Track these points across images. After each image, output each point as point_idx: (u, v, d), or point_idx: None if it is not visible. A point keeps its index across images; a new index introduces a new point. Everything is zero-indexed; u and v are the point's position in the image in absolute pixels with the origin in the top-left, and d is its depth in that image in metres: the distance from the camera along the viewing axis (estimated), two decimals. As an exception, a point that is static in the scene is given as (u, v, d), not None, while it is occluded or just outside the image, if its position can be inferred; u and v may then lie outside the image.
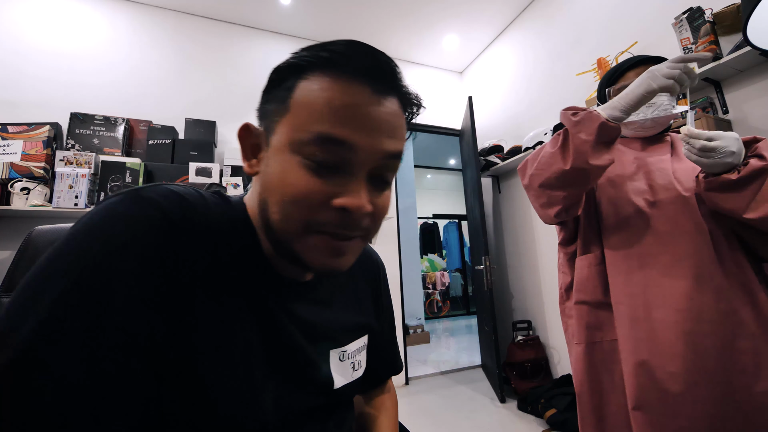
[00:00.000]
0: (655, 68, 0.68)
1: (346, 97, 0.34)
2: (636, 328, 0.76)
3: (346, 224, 0.35)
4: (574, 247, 0.91)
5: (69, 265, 0.29)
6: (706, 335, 0.71)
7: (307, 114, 0.34)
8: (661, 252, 0.77)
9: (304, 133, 0.34)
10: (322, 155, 0.34)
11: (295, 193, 0.34)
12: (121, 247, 0.30)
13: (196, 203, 0.36)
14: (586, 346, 0.83)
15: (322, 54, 0.35)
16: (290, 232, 0.35)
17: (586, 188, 0.81)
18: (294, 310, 0.42)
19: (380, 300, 0.58)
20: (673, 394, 0.70)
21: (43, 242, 0.62)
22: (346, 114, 0.33)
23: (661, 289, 0.75)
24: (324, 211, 0.34)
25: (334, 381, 0.45)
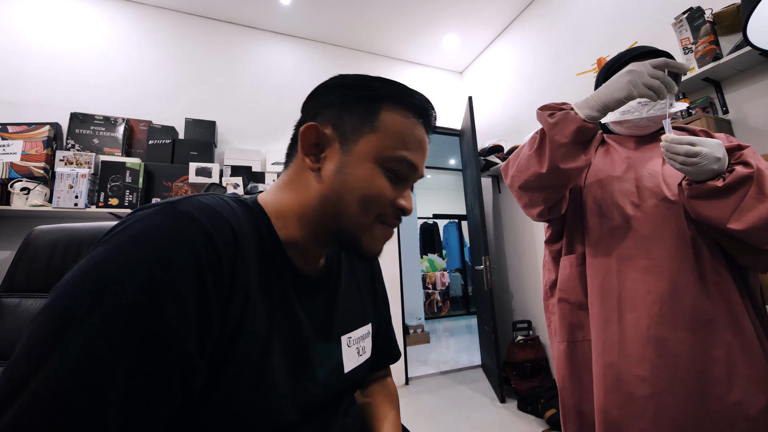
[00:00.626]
0: (637, 73, 0.66)
1: (416, 130, 0.47)
2: (607, 331, 0.76)
3: (399, 218, 0.48)
4: (560, 245, 0.90)
5: (115, 287, 0.29)
6: (679, 342, 0.70)
7: (394, 139, 0.45)
8: (639, 256, 0.76)
9: (393, 153, 0.45)
10: (399, 169, 0.46)
11: (378, 193, 0.44)
12: (168, 265, 0.31)
13: (227, 215, 0.38)
14: (568, 345, 0.83)
15: (401, 90, 0.47)
16: (365, 221, 0.45)
17: (566, 189, 0.80)
18: (310, 302, 0.47)
19: (377, 290, 0.64)
20: (638, 397, 0.70)
21: (43, 242, 0.62)
22: (417, 145, 0.47)
23: (635, 293, 0.74)
24: (390, 207, 0.46)
25: (345, 366, 0.50)
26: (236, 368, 0.36)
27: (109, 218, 2.04)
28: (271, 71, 2.81)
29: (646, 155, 0.84)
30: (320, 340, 0.47)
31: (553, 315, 0.90)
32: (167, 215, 0.33)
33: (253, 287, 0.39)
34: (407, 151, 0.45)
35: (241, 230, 0.39)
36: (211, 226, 0.35)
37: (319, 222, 0.45)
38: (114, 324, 0.28)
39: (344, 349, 0.50)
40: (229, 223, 0.37)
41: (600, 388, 0.74)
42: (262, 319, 0.39)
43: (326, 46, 3.07)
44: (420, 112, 0.47)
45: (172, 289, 0.30)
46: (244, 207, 0.43)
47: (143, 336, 0.29)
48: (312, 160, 0.45)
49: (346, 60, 3.11)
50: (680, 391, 0.68)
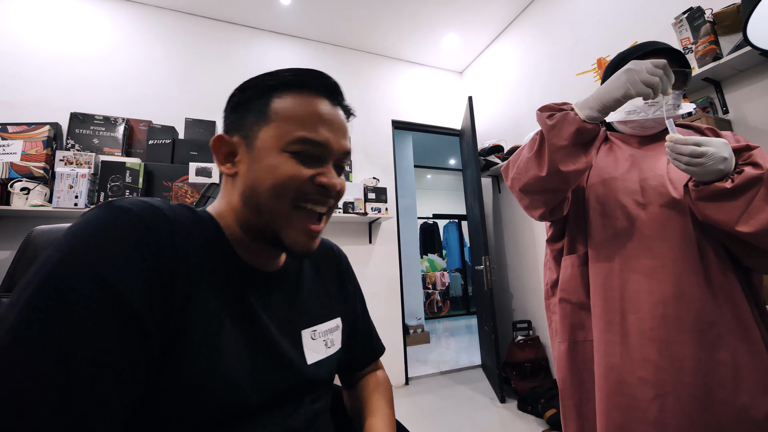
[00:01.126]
0: (635, 71, 0.65)
1: (314, 107, 0.46)
2: (610, 332, 0.74)
3: (324, 197, 0.47)
4: (561, 244, 0.89)
5: (47, 271, 0.32)
6: (684, 344, 0.68)
7: (288, 122, 0.45)
8: (643, 256, 0.74)
9: (290, 136, 0.44)
10: (304, 148, 0.45)
11: (287, 176, 0.44)
12: (107, 243, 0.35)
13: (162, 207, 0.41)
14: (569, 345, 0.82)
15: (287, 75, 0.47)
16: (280, 209, 0.45)
17: (567, 191, 0.79)
18: (265, 296, 0.49)
19: (346, 286, 0.65)
20: (640, 400, 0.69)
21: (43, 242, 0.62)
22: (317, 119, 0.46)
23: (638, 294, 0.73)
24: (307, 185, 0.45)
25: (307, 357, 0.51)
26: (188, 343, 0.38)
27: (109, 218, 2.04)
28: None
29: (650, 154, 0.83)
30: (280, 332, 0.48)
31: (554, 315, 0.89)
32: (103, 210, 0.37)
33: (201, 273, 0.41)
34: (305, 130, 0.45)
35: (179, 222, 0.41)
36: (144, 214, 0.38)
37: (248, 221, 0.47)
38: (72, 303, 0.31)
39: (307, 342, 0.52)
40: (163, 213, 0.40)
41: (602, 391, 0.73)
42: (211, 301, 0.41)
43: (326, 46, 3.07)
44: (313, 87, 0.47)
45: (115, 265, 0.34)
46: (189, 210, 0.45)
47: (98, 310, 0.32)
48: (228, 167, 0.47)
49: (346, 60, 3.11)
50: (685, 394, 0.67)
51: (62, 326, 0.30)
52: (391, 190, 2.97)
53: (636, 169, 0.81)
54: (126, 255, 0.35)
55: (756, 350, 0.67)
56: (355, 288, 0.68)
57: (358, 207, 2.59)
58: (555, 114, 0.72)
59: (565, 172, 0.71)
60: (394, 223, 2.94)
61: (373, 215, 2.62)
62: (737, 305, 0.70)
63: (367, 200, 2.69)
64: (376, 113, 3.12)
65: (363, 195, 2.70)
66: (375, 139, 3.05)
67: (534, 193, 0.79)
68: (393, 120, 3.17)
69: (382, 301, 2.78)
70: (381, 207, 2.69)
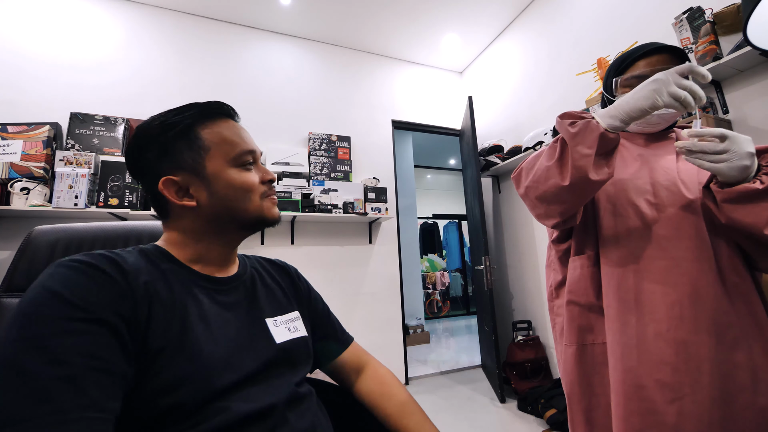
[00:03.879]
0: (663, 81, 0.63)
1: (230, 127, 0.58)
2: (625, 334, 0.73)
3: (272, 188, 0.61)
4: (568, 245, 0.87)
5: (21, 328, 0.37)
6: (701, 345, 0.67)
7: (225, 144, 0.56)
8: (658, 256, 0.73)
9: (233, 153, 0.56)
10: (247, 159, 0.57)
11: (249, 183, 0.57)
12: (67, 282, 0.41)
13: (102, 252, 0.47)
14: (578, 348, 0.81)
15: (196, 111, 0.56)
16: (254, 206, 0.57)
17: (585, 202, 0.77)
18: (225, 295, 0.56)
19: (299, 291, 0.72)
20: (658, 403, 0.67)
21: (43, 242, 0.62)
22: (239, 135, 0.58)
23: (654, 295, 0.72)
24: (263, 186, 0.59)
25: (275, 338, 0.57)
26: (157, 341, 0.44)
27: (109, 218, 2.04)
28: (270, 71, 2.81)
29: (658, 152, 0.82)
30: (244, 321, 0.55)
31: (558, 317, 0.88)
32: (55, 267, 0.43)
33: (157, 286, 0.47)
34: (239, 146, 0.56)
35: (121, 256, 0.48)
36: (90, 260, 0.45)
37: (217, 232, 0.56)
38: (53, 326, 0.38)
39: (272, 328, 0.58)
40: (102, 254, 0.47)
41: (619, 395, 0.71)
42: (174, 305, 0.48)
43: (326, 46, 3.07)
44: (219, 112, 0.57)
45: (77, 291, 0.41)
46: (129, 250, 0.52)
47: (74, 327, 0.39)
48: (187, 200, 0.54)
49: (346, 60, 3.11)
50: (704, 397, 0.65)
51: (46, 341, 0.36)
52: (391, 190, 2.97)
53: (646, 168, 0.79)
54: (85, 284, 0.41)
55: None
56: (309, 290, 0.75)
57: (358, 207, 2.59)
58: (577, 122, 0.71)
59: (592, 181, 0.68)
60: (394, 223, 2.94)
61: (373, 215, 2.62)
62: (752, 305, 0.69)
63: (367, 200, 2.69)
64: (376, 113, 3.12)
65: (363, 195, 2.70)
66: (375, 139, 3.05)
67: (551, 203, 0.76)
68: (393, 120, 3.17)
69: (382, 301, 2.78)
70: (381, 207, 2.69)
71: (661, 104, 0.63)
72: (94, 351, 0.38)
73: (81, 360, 0.37)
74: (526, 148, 2.45)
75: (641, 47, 0.81)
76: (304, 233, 2.65)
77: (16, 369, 0.34)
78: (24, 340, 0.36)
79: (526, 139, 2.47)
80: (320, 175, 2.70)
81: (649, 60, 0.79)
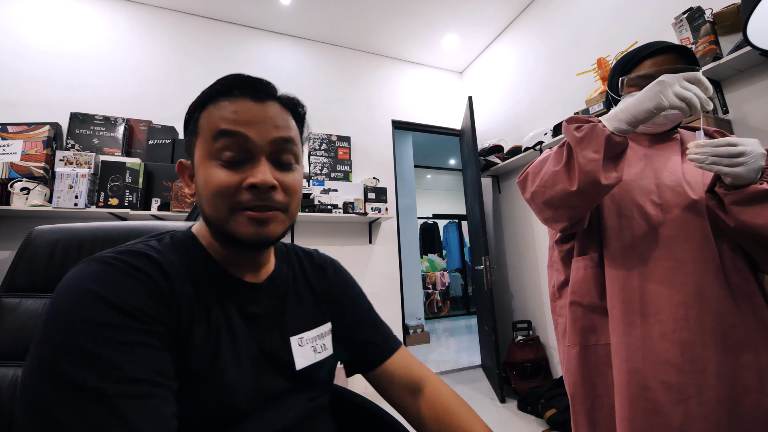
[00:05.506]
0: (669, 83, 0.62)
1: (233, 107, 0.45)
2: (630, 335, 0.72)
3: (260, 199, 0.44)
4: (571, 245, 0.87)
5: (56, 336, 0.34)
6: (706, 347, 0.67)
7: (210, 128, 0.45)
8: (663, 257, 0.73)
9: (210, 138, 0.45)
10: (227, 150, 0.44)
11: (217, 185, 0.44)
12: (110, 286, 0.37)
13: (142, 250, 0.44)
14: (581, 349, 0.80)
15: (215, 87, 0.47)
16: (220, 217, 0.45)
17: (593, 206, 0.76)
18: (254, 305, 0.51)
19: (336, 293, 0.64)
20: (664, 404, 0.67)
21: (43, 242, 0.62)
22: (235, 117, 0.45)
23: (658, 296, 0.72)
24: (240, 193, 0.44)
25: (296, 363, 0.51)
26: (191, 358, 0.41)
27: (109, 218, 2.04)
28: (270, 71, 2.81)
29: (663, 153, 0.81)
30: (269, 339, 0.50)
31: (561, 317, 0.88)
32: (90, 263, 0.39)
33: (195, 296, 0.44)
34: (223, 125, 0.44)
35: (161, 255, 0.44)
36: (132, 260, 0.41)
37: (210, 230, 0.49)
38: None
39: (295, 349, 0.52)
40: (144, 254, 0.43)
41: (624, 397, 0.71)
42: (206, 318, 0.44)
43: (326, 46, 3.07)
44: (241, 90, 0.46)
45: (123, 295, 0.37)
46: (165, 241, 0.48)
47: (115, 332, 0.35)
48: (191, 187, 0.49)
49: (346, 60, 3.11)
50: (710, 398, 0.65)
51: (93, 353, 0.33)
52: (391, 190, 2.97)
53: (650, 169, 0.79)
54: (133, 288, 0.38)
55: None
56: (346, 290, 0.66)
57: (358, 207, 2.59)
58: (583, 126, 0.70)
59: (602, 186, 0.68)
60: (394, 223, 2.94)
61: (373, 215, 2.62)
62: (756, 306, 0.69)
63: (367, 200, 2.69)
64: (376, 113, 3.12)
65: (363, 195, 2.70)
66: (375, 139, 3.05)
67: (558, 208, 0.76)
68: (393, 120, 3.17)
69: (382, 301, 2.78)
70: (381, 207, 2.69)
71: (666, 105, 0.62)
72: (157, 366, 0.36)
73: (148, 376, 0.34)
74: (526, 148, 2.44)
75: (648, 46, 0.80)
76: (304, 233, 2.65)
77: (80, 388, 0.31)
78: (81, 354, 0.32)
79: (526, 139, 2.47)
80: (320, 175, 2.70)
81: (655, 60, 0.78)
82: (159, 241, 0.48)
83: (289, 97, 0.51)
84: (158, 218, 2.05)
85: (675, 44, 0.78)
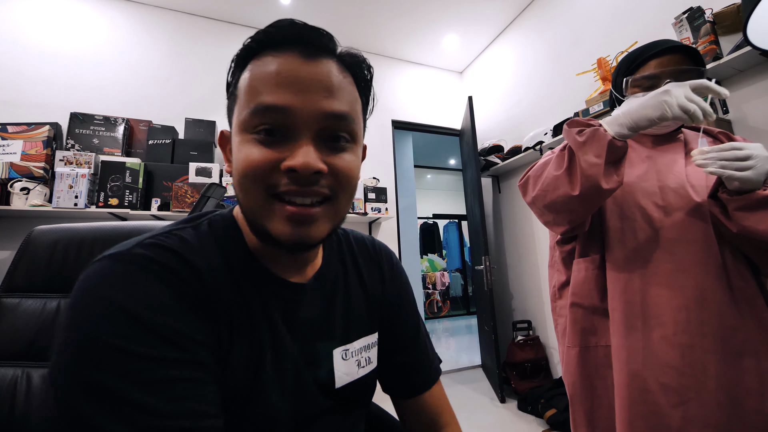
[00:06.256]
0: (674, 92, 0.62)
1: (274, 66, 0.35)
2: (631, 338, 0.72)
3: (299, 185, 0.35)
4: (572, 246, 0.87)
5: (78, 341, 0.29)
6: (707, 350, 0.67)
7: (247, 94, 0.36)
8: (665, 260, 0.72)
9: (246, 111, 0.36)
10: (264, 123, 0.35)
11: (249, 164, 0.35)
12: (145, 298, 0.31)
13: (174, 246, 0.36)
14: (580, 350, 0.80)
15: (258, 35, 0.38)
16: (253, 206, 0.36)
17: (594, 210, 0.76)
18: (294, 312, 0.43)
19: (389, 298, 0.55)
20: (663, 407, 0.67)
21: (43, 242, 0.62)
22: (276, 81, 0.35)
23: (660, 298, 0.71)
24: (276, 175, 0.35)
25: (336, 380, 0.45)
26: (231, 374, 0.36)
27: (109, 218, 2.04)
28: (271, 71, 2.80)
29: (667, 155, 0.80)
30: (311, 352, 0.44)
31: (561, 317, 0.88)
32: (120, 260, 0.33)
33: (231, 307, 0.38)
34: (262, 95, 0.35)
35: (197, 254, 0.37)
36: (164, 260, 0.34)
37: (246, 223, 0.40)
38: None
39: (338, 363, 0.45)
40: (179, 254, 0.36)
41: (624, 399, 0.70)
42: (251, 335, 0.39)
43: (326, 46, 3.07)
44: (286, 41, 0.36)
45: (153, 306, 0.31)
46: (203, 230, 0.41)
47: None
48: (228, 165, 0.41)
49: (346, 60, 3.11)
50: (710, 401, 0.65)
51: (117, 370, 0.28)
52: (391, 190, 2.97)
53: (654, 171, 0.79)
54: (165, 301, 0.32)
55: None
56: (400, 295, 0.57)
57: (358, 207, 2.59)
58: (585, 130, 0.70)
59: (604, 190, 0.68)
60: (394, 223, 2.94)
61: (373, 215, 2.62)
62: (757, 309, 0.69)
63: (367, 200, 2.69)
64: (376, 113, 3.11)
65: (363, 195, 2.69)
66: (375, 139, 3.05)
67: (559, 212, 0.76)
68: (393, 120, 3.17)
69: (382, 301, 2.78)
70: (381, 207, 2.69)
71: (670, 116, 0.62)
72: (203, 407, 0.30)
73: (191, 423, 0.29)
74: (526, 148, 2.44)
75: (653, 46, 0.79)
76: (304, 233, 2.64)
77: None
78: (106, 396, 0.26)
79: (526, 139, 2.47)
80: (320, 175, 2.70)
81: (660, 60, 0.77)
82: (195, 229, 0.40)
83: (352, 54, 0.41)
84: (158, 218, 2.05)
85: (681, 44, 0.77)
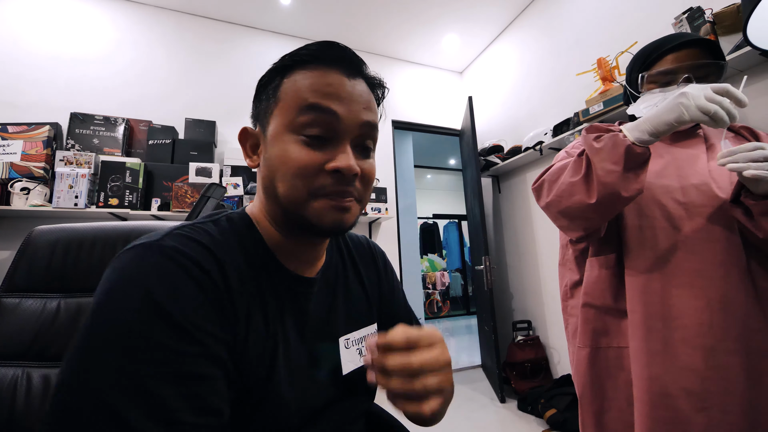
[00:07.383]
0: (692, 95, 0.60)
1: (324, 79, 0.41)
2: (651, 340, 0.69)
3: (341, 185, 0.41)
4: (586, 244, 0.84)
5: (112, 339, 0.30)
6: (730, 353, 0.64)
7: (295, 97, 0.41)
8: (686, 260, 0.69)
9: (295, 110, 0.40)
10: (312, 126, 0.40)
11: (297, 165, 0.40)
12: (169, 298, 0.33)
13: (204, 240, 0.39)
14: (591, 351, 0.78)
15: (301, 52, 0.43)
16: (297, 200, 0.40)
17: (611, 218, 0.73)
18: (308, 303, 0.47)
19: (383, 289, 0.60)
20: (685, 412, 0.64)
21: (43, 242, 0.62)
22: (326, 90, 0.41)
23: (681, 299, 0.68)
24: (321, 176, 0.40)
25: (343, 367, 0.48)
26: (246, 367, 0.38)
27: (109, 218, 2.04)
28: (271, 71, 2.81)
29: (688, 151, 0.77)
30: (319, 342, 0.47)
31: (572, 317, 0.86)
32: (153, 253, 0.35)
33: (248, 300, 0.40)
34: (313, 98, 0.40)
35: (221, 249, 0.39)
36: (192, 254, 0.36)
37: (276, 212, 0.43)
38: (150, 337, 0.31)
39: (343, 351, 0.49)
40: (208, 248, 0.38)
41: (644, 404, 0.68)
42: (262, 324, 0.40)
43: (326, 46, 3.07)
44: (324, 60, 0.42)
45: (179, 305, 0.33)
46: (222, 225, 0.43)
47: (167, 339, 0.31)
48: (254, 159, 0.46)
49: (346, 60, 3.11)
50: (734, 407, 0.63)
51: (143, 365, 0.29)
52: (391, 190, 2.97)
53: (673, 167, 0.76)
54: (195, 297, 0.34)
55: None
56: (392, 285, 0.62)
57: (358, 207, 2.59)
58: (602, 136, 0.68)
59: (623, 198, 0.66)
60: (394, 223, 2.94)
61: (373, 215, 2.62)
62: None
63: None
64: (376, 113, 3.11)
65: (363, 195, 2.69)
66: (375, 139, 3.05)
67: (575, 219, 0.74)
68: (393, 120, 3.17)
69: (382, 301, 2.78)
70: (381, 207, 2.69)
71: (687, 118, 0.60)
72: (208, 404, 0.31)
73: (206, 421, 0.30)
74: (526, 148, 2.44)
75: (670, 39, 0.76)
76: (304, 233, 2.65)
77: (116, 422, 0.27)
78: (139, 391, 0.28)
79: (526, 139, 2.46)
80: (320, 175, 2.70)
81: (677, 55, 0.74)
82: (215, 223, 0.43)
83: (375, 77, 0.47)
84: (158, 218, 2.05)
85: (699, 37, 0.74)
